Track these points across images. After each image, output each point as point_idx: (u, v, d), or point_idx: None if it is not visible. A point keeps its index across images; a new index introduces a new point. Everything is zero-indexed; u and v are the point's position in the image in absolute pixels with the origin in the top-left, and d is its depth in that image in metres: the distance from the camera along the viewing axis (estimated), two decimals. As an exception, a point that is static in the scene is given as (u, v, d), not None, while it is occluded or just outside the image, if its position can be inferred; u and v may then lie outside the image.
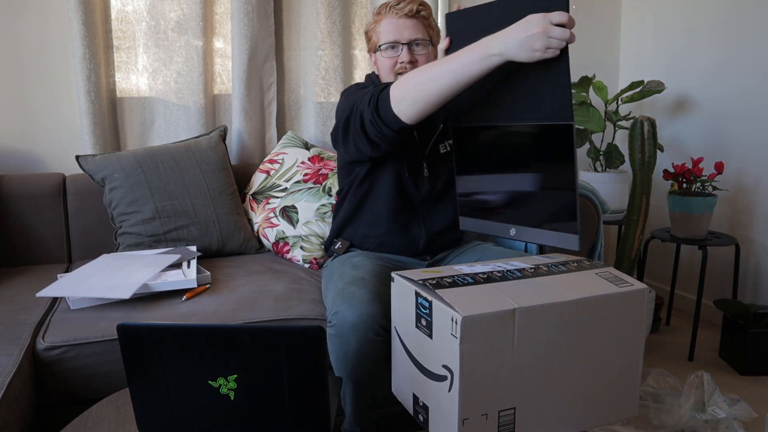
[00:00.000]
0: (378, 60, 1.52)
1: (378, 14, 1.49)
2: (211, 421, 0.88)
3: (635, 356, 1.17)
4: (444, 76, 1.18)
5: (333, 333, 1.27)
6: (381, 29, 1.48)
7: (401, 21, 1.45)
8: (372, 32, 1.52)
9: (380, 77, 1.54)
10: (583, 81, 2.33)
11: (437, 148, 1.58)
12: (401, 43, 1.45)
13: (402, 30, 1.45)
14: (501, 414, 1.06)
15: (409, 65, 1.45)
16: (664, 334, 2.37)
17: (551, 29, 1.05)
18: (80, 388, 1.35)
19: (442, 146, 1.58)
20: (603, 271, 1.20)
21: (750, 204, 2.30)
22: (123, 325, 0.84)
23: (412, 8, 1.45)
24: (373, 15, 1.52)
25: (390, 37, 1.46)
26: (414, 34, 1.46)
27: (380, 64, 1.51)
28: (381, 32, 1.48)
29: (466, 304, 1.02)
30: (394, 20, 1.45)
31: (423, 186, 1.54)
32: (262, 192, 2.00)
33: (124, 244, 1.82)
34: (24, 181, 1.92)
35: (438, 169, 1.57)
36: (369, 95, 1.33)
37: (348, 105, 1.39)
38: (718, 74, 2.37)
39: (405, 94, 1.24)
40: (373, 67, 1.58)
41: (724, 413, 1.56)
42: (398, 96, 1.26)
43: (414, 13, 1.45)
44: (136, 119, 2.18)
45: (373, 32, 1.51)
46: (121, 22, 2.12)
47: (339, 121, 1.41)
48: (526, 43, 1.08)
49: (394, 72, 1.48)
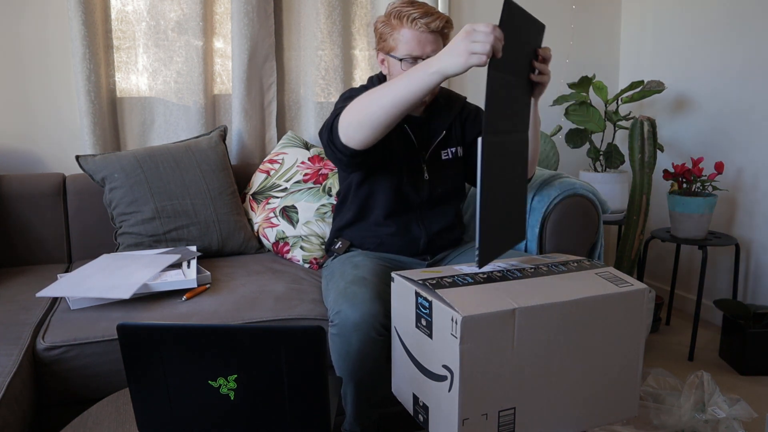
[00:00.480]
0: (393, 67, 1.47)
1: (398, 19, 1.42)
2: (211, 421, 0.88)
3: (635, 356, 1.17)
4: (387, 97, 1.20)
5: (335, 333, 1.27)
6: (401, 38, 1.42)
7: (425, 36, 1.40)
8: (388, 36, 1.45)
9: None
10: (583, 81, 2.33)
11: (438, 154, 1.57)
12: (422, 58, 1.41)
13: (425, 45, 1.41)
14: (501, 414, 1.06)
15: None
16: (664, 334, 2.37)
17: (474, 34, 1.05)
18: (80, 388, 1.35)
19: (444, 153, 1.58)
20: (603, 271, 1.20)
21: (750, 204, 2.30)
22: (123, 325, 0.84)
23: (438, 25, 1.41)
24: (392, 17, 1.43)
25: (412, 50, 1.41)
26: (435, 50, 1.42)
27: (396, 73, 1.46)
28: (401, 41, 1.42)
29: (466, 304, 1.02)
30: (417, 33, 1.40)
31: (423, 190, 1.55)
32: (262, 192, 2.00)
33: (124, 244, 1.82)
34: (24, 181, 1.92)
35: (439, 173, 1.57)
36: (332, 116, 1.34)
37: (329, 118, 1.40)
38: (718, 74, 2.37)
39: (351, 119, 1.26)
40: (379, 67, 1.55)
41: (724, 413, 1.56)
42: (345, 122, 1.27)
43: (439, 29, 1.42)
44: (136, 119, 2.18)
45: (389, 36, 1.45)
46: (121, 22, 2.12)
47: (321, 132, 1.41)
48: (453, 50, 1.09)
49: None
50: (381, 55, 1.51)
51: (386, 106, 1.21)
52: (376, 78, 1.59)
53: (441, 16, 1.41)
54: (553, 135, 2.36)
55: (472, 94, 2.60)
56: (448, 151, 1.59)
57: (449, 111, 1.60)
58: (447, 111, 1.59)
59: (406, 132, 1.54)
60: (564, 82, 2.70)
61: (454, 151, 1.59)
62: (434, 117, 1.58)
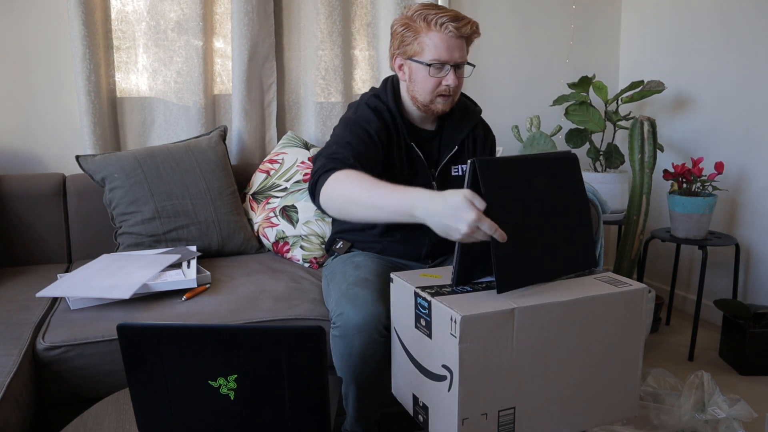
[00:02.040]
0: (416, 72, 1.40)
1: (425, 22, 1.35)
2: (211, 421, 0.88)
3: (635, 356, 1.17)
4: (368, 209, 1.13)
5: (337, 334, 1.27)
6: (429, 42, 1.35)
7: (453, 40, 1.34)
8: (413, 40, 1.37)
9: (413, 90, 1.43)
10: (583, 81, 2.33)
11: (448, 169, 1.52)
12: (450, 64, 1.36)
13: (453, 50, 1.35)
14: (501, 414, 1.06)
15: (452, 90, 1.39)
16: (664, 334, 2.37)
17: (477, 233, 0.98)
18: (80, 388, 1.35)
19: (454, 169, 1.52)
20: (602, 276, 1.21)
21: (750, 204, 2.30)
22: (123, 325, 0.84)
23: (467, 30, 1.35)
24: (416, 19, 1.36)
25: (441, 55, 1.35)
26: (462, 56, 1.38)
27: (419, 79, 1.40)
28: (429, 46, 1.35)
29: (465, 304, 1.02)
30: (446, 38, 1.34)
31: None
32: (262, 192, 2.00)
33: (124, 244, 1.82)
34: (24, 181, 1.92)
35: (448, 188, 1.50)
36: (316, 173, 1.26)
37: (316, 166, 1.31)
38: (718, 74, 2.37)
39: (331, 202, 1.20)
40: (396, 71, 1.46)
41: (724, 413, 1.56)
42: (326, 199, 1.21)
43: (468, 35, 1.36)
44: (136, 119, 2.18)
45: (414, 40, 1.37)
46: (121, 22, 2.12)
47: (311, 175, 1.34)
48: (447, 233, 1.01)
49: (436, 93, 1.40)
50: (400, 60, 1.42)
51: (365, 216, 1.15)
52: (382, 89, 1.50)
53: (471, 21, 1.36)
54: (553, 135, 2.36)
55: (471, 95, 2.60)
56: (458, 168, 1.52)
57: (465, 124, 1.53)
58: (462, 124, 1.52)
59: (414, 151, 1.48)
60: (564, 82, 2.71)
61: (464, 168, 1.52)
62: (447, 130, 1.52)
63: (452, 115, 1.52)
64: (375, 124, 1.41)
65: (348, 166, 1.25)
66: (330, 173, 1.23)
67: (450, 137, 1.51)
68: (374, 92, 1.52)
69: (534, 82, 2.70)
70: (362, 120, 1.42)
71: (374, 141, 1.39)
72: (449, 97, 1.42)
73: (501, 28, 2.61)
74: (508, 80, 2.66)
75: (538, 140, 2.31)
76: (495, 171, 1.05)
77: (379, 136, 1.41)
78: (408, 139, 1.47)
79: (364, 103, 1.47)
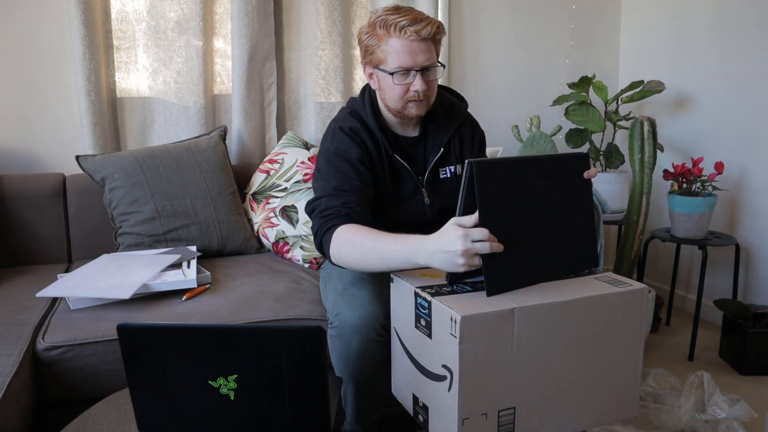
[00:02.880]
0: (383, 81, 1.36)
1: (384, 29, 1.30)
2: (211, 421, 0.88)
3: (635, 356, 1.17)
4: (378, 263, 1.16)
5: (334, 334, 1.27)
6: (389, 49, 1.30)
7: (415, 44, 1.28)
8: (375, 48, 1.33)
9: (384, 98, 1.40)
10: (583, 81, 2.33)
11: (437, 172, 1.47)
12: (415, 69, 1.31)
13: (416, 55, 1.29)
14: (501, 414, 1.06)
15: (423, 94, 1.34)
16: (664, 334, 2.37)
17: (472, 248, 1.00)
18: (80, 388, 1.35)
19: (442, 171, 1.48)
20: (602, 276, 1.20)
21: (750, 204, 2.30)
22: (123, 325, 0.84)
23: (430, 31, 1.28)
24: (377, 26, 1.31)
25: (404, 62, 1.29)
26: (428, 59, 1.31)
27: (387, 88, 1.35)
28: (390, 53, 1.30)
29: (465, 304, 1.02)
30: (407, 42, 1.28)
31: (425, 214, 1.46)
32: (262, 192, 2.00)
33: (124, 244, 1.82)
34: (24, 181, 1.92)
35: (440, 194, 1.47)
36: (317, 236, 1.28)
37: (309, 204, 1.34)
38: (718, 74, 2.37)
39: (342, 263, 1.23)
40: (368, 80, 1.42)
41: (724, 413, 1.56)
42: (337, 260, 1.24)
43: (430, 36, 1.30)
44: (136, 119, 2.18)
45: (376, 48, 1.32)
46: (121, 22, 2.12)
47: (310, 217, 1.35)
48: (450, 261, 1.03)
49: (406, 100, 1.35)
50: (369, 69, 1.39)
51: (376, 269, 1.18)
52: (360, 100, 1.46)
53: (431, 21, 1.30)
54: (553, 135, 2.36)
55: (471, 95, 2.60)
56: (446, 170, 1.48)
57: (449, 125, 1.47)
58: (446, 124, 1.47)
59: (397, 161, 1.43)
60: (564, 82, 2.71)
61: (452, 169, 1.48)
62: (431, 133, 1.47)
63: (435, 117, 1.46)
64: (354, 151, 1.37)
65: (342, 217, 1.26)
66: (331, 232, 1.24)
67: (435, 140, 1.46)
68: (351, 106, 1.47)
69: (534, 82, 2.70)
70: (341, 151, 1.37)
71: (358, 170, 1.35)
72: (422, 102, 1.36)
73: (501, 28, 2.61)
74: (508, 80, 2.66)
75: (538, 140, 2.31)
76: (492, 173, 1.05)
77: (362, 161, 1.37)
78: (390, 151, 1.42)
79: (339, 127, 1.41)
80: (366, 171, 1.37)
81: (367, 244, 1.17)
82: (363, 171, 1.36)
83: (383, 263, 1.15)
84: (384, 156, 1.42)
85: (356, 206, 1.29)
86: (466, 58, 2.59)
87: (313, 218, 1.32)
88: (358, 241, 1.19)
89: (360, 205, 1.31)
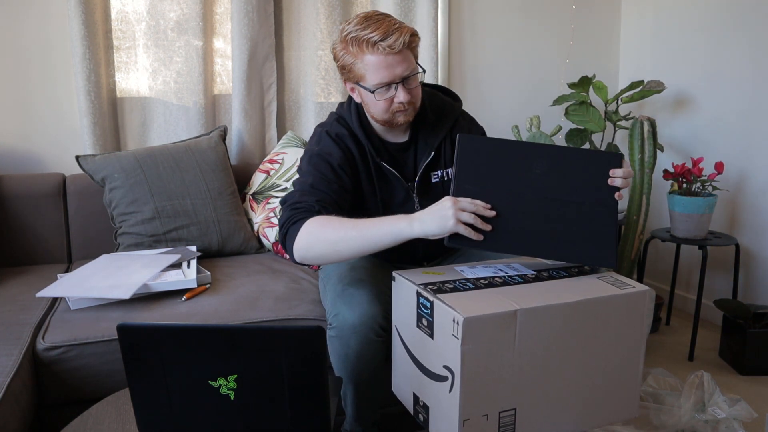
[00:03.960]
0: (365, 96, 1.33)
1: (357, 46, 1.27)
2: (211, 421, 0.88)
3: (636, 357, 1.17)
4: (356, 242, 1.16)
5: (333, 335, 1.27)
6: (366, 66, 1.27)
7: (391, 57, 1.25)
8: (352, 65, 1.30)
9: (369, 112, 1.38)
10: (583, 81, 2.33)
11: (428, 177, 1.44)
12: (395, 82, 1.28)
13: (394, 67, 1.26)
14: (502, 415, 1.05)
15: (407, 104, 1.31)
16: (664, 334, 2.37)
17: (461, 205, 1.13)
18: (80, 388, 1.35)
19: (434, 175, 1.44)
20: (604, 276, 1.20)
21: (750, 204, 2.30)
22: (123, 325, 0.84)
23: (403, 41, 1.25)
24: (349, 44, 1.28)
25: (383, 77, 1.27)
26: (407, 68, 1.28)
27: (370, 102, 1.33)
28: (368, 69, 1.28)
29: (467, 305, 1.02)
30: (382, 57, 1.25)
31: None
32: (262, 192, 2.00)
33: (124, 244, 1.82)
34: (24, 181, 1.92)
35: (431, 197, 1.39)
36: (283, 227, 1.25)
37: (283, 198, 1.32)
38: (718, 74, 2.37)
39: (310, 248, 1.20)
40: (350, 94, 1.40)
41: (724, 413, 1.56)
42: (303, 247, 1.20)
43: (406, 46, 1.26)
44: (136, 119, 2.18)
45: (353, 65, 1.30)
46: (121, 22, 2.12)
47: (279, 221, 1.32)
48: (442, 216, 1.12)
49: (392, 111, 1.33)
50: (349, 84, 1.37)
51: (354, 250, 1.17)
52: (347, 107, 1.43)
53: (402, 29, 1.25)
54: (553, 135, 2.36)
55: (472, 95, 2.60)
56: (438, 174, 1.44)
57: (440, 128, 1.43)
58: (437, 127, 1.43)
59: (385, 169, 1.40)
60: (564, 82, 2.70)
61: (443, 173, 1.45)
62: (421, 137, 1.43)
63: (425, 120, 1.43)
64: (337, 155, 1.35)
65: (314, 213, 1.24)
66: (299, 224, 1.22)
67: (425, 143, 1.43)
68: (339, 113, 1.45)
69: (534, 82, 2.70)
70: (324, 153, 1.36)
71: (338, 174, 1.34)
72: (407, 110, 1.34)
73: (501, 28, 2.61)
74: (509, 80, 2.66)
75: (537, 140, 2.31)
76: (475, 146, 1.18)
77: (342, 167, 1.35)
78: (377, 159, 1.39)
79: (325, 131, 1.40)
80: (346, 177, 1.35)
81: (348, 225, 1.18)
82: (342, 176, 1.35)
83: (364, 241, 1.16)
84: (371, 164, 1.40)
85: (329, 206, 1.28)
86: (466, 59, 2.58)
87: (282, 209, 1.30)
88: (337, 224, 1.20)
89: (333, 206, 1.29)
